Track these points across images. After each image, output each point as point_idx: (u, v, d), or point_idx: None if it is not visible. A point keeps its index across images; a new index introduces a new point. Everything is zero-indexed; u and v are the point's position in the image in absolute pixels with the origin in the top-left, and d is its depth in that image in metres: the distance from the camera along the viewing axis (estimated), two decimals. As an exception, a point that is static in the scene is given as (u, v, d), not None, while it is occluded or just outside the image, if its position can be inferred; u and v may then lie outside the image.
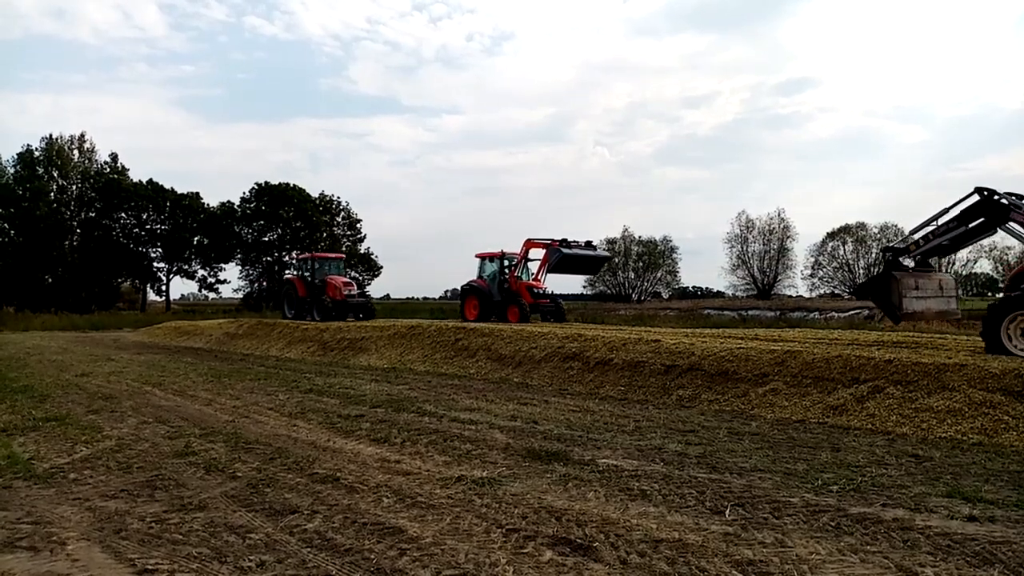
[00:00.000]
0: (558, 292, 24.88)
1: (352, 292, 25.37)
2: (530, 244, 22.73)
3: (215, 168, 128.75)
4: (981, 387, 8.20)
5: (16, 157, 54.78)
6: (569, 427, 8.18)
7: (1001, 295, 12.36)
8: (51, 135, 55.90)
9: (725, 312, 37.28)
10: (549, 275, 23.04)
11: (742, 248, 65.42)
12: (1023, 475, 5.94)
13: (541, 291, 22.85)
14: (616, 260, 75.04)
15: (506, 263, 23.01)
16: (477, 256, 23.88)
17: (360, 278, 67.33)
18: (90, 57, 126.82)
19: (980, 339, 10.60)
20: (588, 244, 22.73)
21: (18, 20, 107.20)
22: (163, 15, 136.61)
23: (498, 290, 22.65)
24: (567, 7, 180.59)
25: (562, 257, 21.62)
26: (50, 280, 54.67)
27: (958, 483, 5.65)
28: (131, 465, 6.37)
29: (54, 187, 55.70)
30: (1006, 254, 49.40)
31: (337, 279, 25.65)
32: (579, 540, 4.35)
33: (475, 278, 23.70)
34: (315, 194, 65.25)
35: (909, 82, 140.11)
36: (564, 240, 21.93)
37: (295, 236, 63.38)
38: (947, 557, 4.05)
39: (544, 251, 22.37)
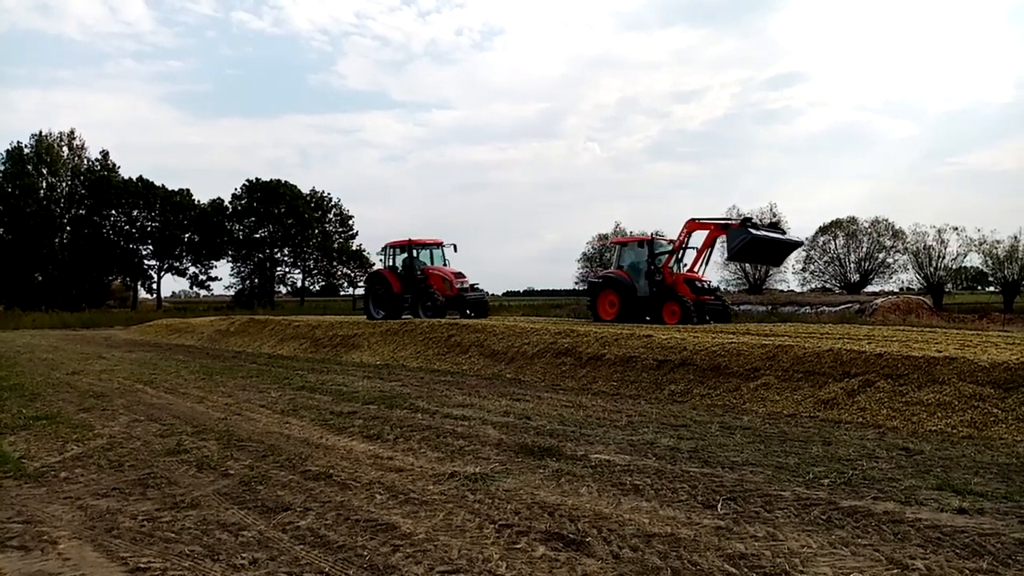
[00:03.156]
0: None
1: (464, 284, 21.39)
2: (694, 225, 18.90)
3: (205, 165, 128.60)
4: (971, 380, 8.26)
5: (5, 154, 54.52)
6: (562, 422, 8.19)
7: None
8: (40, 132, 55.64)
9: (717, 307, 37.16)
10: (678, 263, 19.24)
11: (734, 243, 65.53)
12: (1012, 467, 5.99)
13: (704, 285, 19.14)
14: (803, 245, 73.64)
15: (656, 250, 19.18)
16: (614, 242, 20.59)
17: (351, 274, 67.29)
18: (77, 53, 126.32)
19: (969, 333, 10.66)
20: (774, 226, 19.07)
21: (4, 15, 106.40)
22: (149, 10, 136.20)
23: (647, 284, 18.91)
24: (556, 1, 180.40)
25: (750, 241, 17.32)
26: (40, 278, 54.41)
27: (948, 476, 5.68)
28: (123, 463, 6.35)
29: (43, 184, 55.37)
30: (995, 248, 49.50)
31: (446, 270, 21.70)
32: (572, 535, 4.36)
33: (611, 269, 20.15)
34: (306, 190, 65.12)
35: (899, 77, 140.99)
36: (748, 219, 17.86)
37: (286, 233, 63.24)
38: (937, 549, 4.08)
39: (708, 232, 18.61)
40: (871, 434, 7.49)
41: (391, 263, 22.86)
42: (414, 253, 22.24)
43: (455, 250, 22.72)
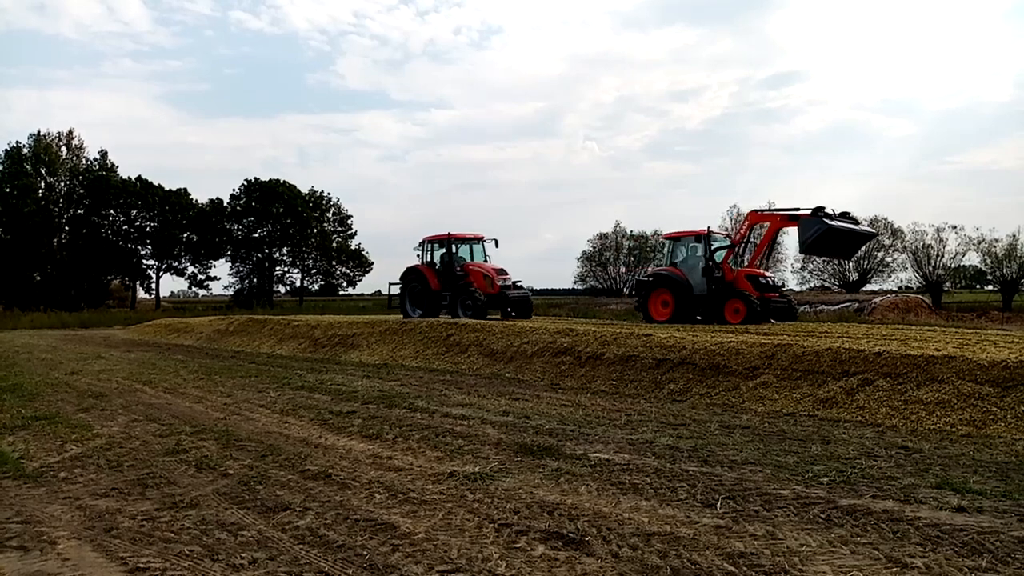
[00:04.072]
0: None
1: (507, 282, 20.17)
2: (756, 217, 18.14)
3: (203, 164, 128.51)
4: (970, 379, 8.26)
5: (3, 154, 54.37)
6: (561, 422, 8.19)
7: None
8: (39, 132, 55.53)
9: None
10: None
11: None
12: (1011, 466, 5.99)
13: (768, 281, 18.04)
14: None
15: (713, 245, 18.15)
16: (666, 237, 19.30)
17: (350, 273, 67.25)
18: (73, 53, 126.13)
19: (968, 331, 10.66)
20: (846, 215, 16.73)
21: (0, 15, 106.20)
22: (147, 9, 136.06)
23: (706, 281, 17.80)
24: (554, 0, 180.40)
25: (825, 232, 16.02)
26: (39, 278, 54.32)
27: (947, 474, 5.69)
28: (122, 463, 6.34)
29: (42, 184, 55.27)
30: (994, 246, 49.50)
31: (487, 267, 20.47)
32: (571, 534, 4.36)
33: (663, 265, 19.08)
34: (305, 190, 65.07)
35: (897, 75, 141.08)
36: (820, 208, 16.32)
37: (285, 233, 63.19)
38: (936, 548, 4.08)
39: (769, 224, 17.56)
40: (870, 433, 7.50)
41: (428, 258, 21.43)
42: (453, 248, 20.92)
43: (496, 245, 21.55)
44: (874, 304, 32.05)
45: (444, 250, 21.09)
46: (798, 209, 16.68)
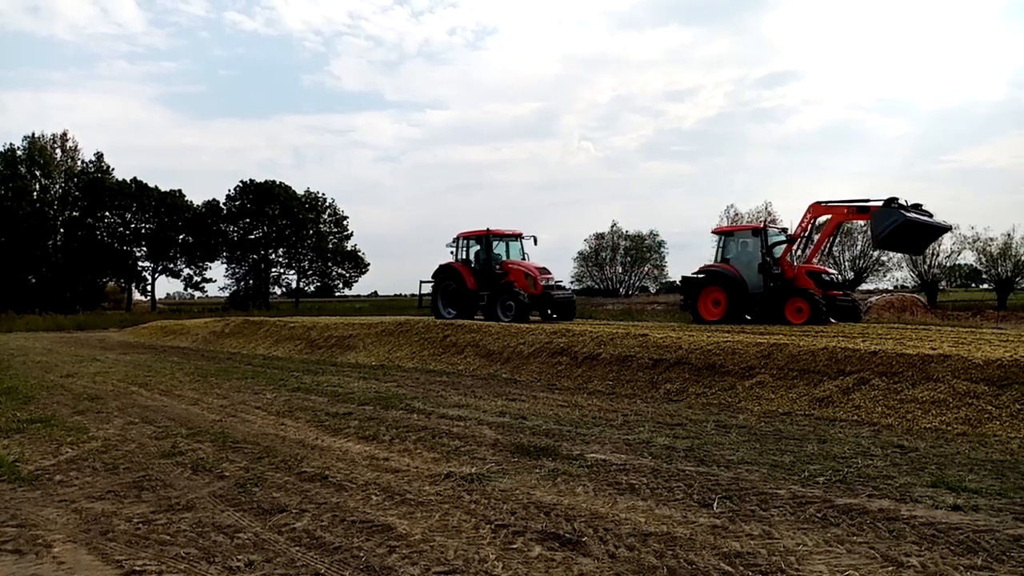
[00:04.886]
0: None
1: (550, 282, 18.95)
2: (820, 209, 16.65)
3: (199, 166, 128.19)
4: (965, 378, 8.29)
5: (-2, 156, 54.21)
6: (558, 422, 8.19)
7: None
8: (33, 134, 55.38)
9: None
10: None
11: (729, 242, 65.55)
12: (1006, 464, 6.01)
13: (832, 278, 17.03)
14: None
15: (770, 240, 17.02)
16: (717, 231, 18.21)
17: (346, 274, 67.20)
18: (68, 55, 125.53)
19: (964, 330, 10.68)
20: (918, 207, 15.46)
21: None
22: (141, 11, 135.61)
23: (763, 277, 16.65)
24: (549, 0, 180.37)
25: (902, 224, 14.89)
26: (34, 280, 54.12)
27: (943, 473, 5.71)
28: (118, 466, 6.33)
29: (37, 186, 55.12)
30: (989, 245, 49.66)
31: (528, 265, 19.08)
32: (568, 535, 4.36)
33: (714, 262, 17.81)
34: (300, 191, 65.00)
35: (892, 74, 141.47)
36: (894, 199, 15.15)
37: (281, 234, 63.12)
38: (932, 546, 4.09)
39: (830, 217, 16.35)
40: (866, 432, 7.52)
41: (463, 255, 20.00)
42: (491, 245, 19.60)
43: (535, 243, 20.21)
44: (870, 303, 32.06)
45: (479, 247, 19.79)
46: (867, 200, 15.80)
